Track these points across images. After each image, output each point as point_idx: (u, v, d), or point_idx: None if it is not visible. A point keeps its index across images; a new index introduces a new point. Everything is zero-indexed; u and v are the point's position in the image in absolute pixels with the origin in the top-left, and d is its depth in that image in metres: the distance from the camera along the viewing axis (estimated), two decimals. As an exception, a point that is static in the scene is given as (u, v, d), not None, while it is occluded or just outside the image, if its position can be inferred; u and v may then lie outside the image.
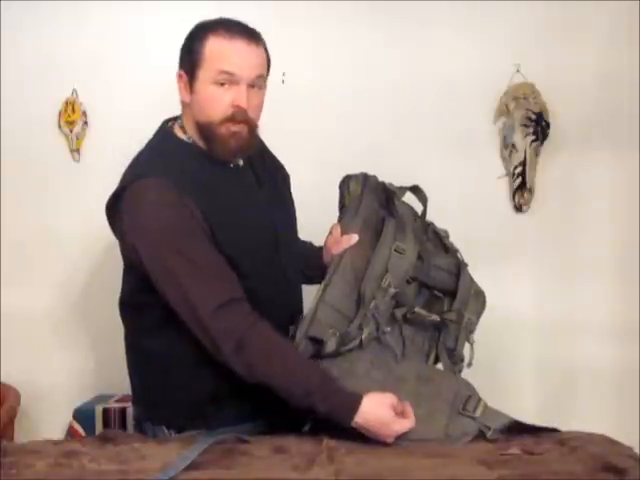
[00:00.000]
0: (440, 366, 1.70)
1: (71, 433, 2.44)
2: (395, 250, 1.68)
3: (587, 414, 2.43)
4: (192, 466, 1.31)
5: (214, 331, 1.51)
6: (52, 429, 2.50)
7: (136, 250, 1.56)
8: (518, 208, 2.64)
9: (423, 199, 1.80)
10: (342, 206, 1.80)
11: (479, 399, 1.52)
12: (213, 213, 1.56)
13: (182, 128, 1.67)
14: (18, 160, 2.62)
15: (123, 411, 2.45)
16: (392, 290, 1.63)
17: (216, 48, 1.58)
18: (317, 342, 1.54)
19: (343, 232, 1.72)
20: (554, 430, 1.50)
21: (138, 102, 2.53)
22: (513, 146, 2.61)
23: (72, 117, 2.61)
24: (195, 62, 1.59)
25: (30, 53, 2.60)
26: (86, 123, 2.63)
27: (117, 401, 2.50)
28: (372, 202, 1.76)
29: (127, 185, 1.57)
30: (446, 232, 1.84)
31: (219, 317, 1.50)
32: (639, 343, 2.56)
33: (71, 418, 2.46)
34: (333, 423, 1.48)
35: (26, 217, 2.64)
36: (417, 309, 1.66)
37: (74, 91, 2.62)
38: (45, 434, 2.35)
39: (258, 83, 1.61)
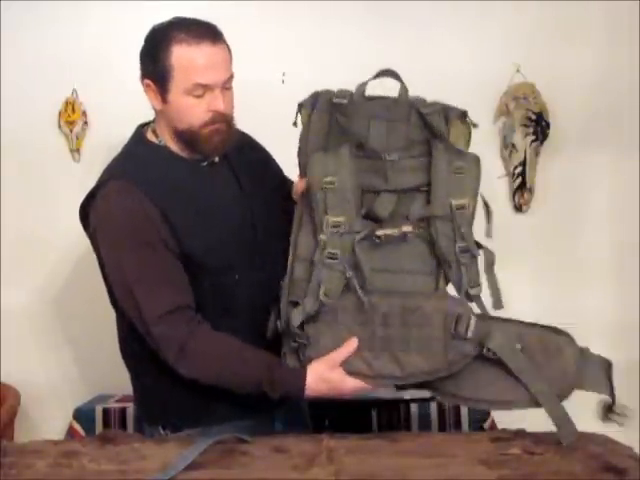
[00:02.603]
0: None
1: (71, 433, 2.43)
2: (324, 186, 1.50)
3: (587, 414, 2.43)
4: (192, 466, 1.31)
5: (157, 338, 1.55)
6: (52, 429, 2.50)
7: (98, 251, 1.62)
8: (518, 208, 2.64)
9: (398, 80, 1.60)
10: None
11: (469, 317, 1.44)
12: (176, 213, 1.58)
13: (154, 132, 1.69)
14: (18, 160, 2.62)
15: (123, 411, 2.45)
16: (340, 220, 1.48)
17: (184, 57, 1.57)
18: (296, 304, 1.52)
19: (301, 173, 1.59)
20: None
21: (138, 102, 2.52)
22: (513, 146, 2.61)
23: (72, 117, 2.62)
24: (164, 74, 1.59)
25: (30, 53, 2.60)
26: (86, 123, 2.63)
27: (117, 401, 2.50)
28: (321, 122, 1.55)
29: (95, 189, 1.62)
30: (425, 103, 1.58)
31: (161, 325, 1.55)
32: (639, 343, 2.56)
33: (71, 418, 2.46)
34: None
35: (26, 217, 2.64)
36: (379, 231, 1.48)
37: (74, 91, 2.62)
38: (45, 434, 2.35)
39: (228, 84, 1.62)
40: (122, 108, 2.57)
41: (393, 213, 1.50)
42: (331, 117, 1.53)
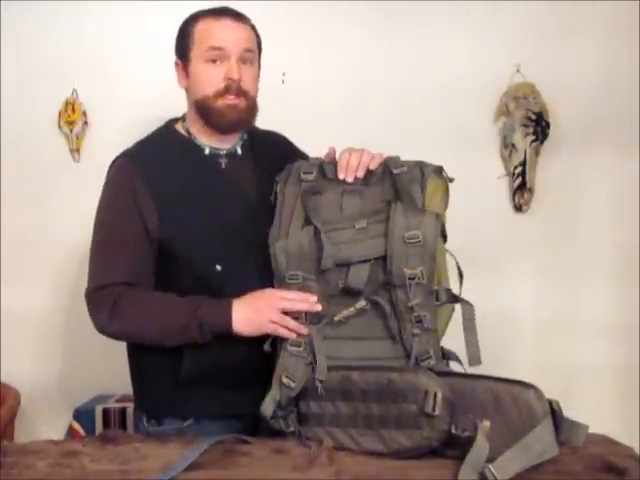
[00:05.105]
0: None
1: (71, 433, 2.44)
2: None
3: (587, 414, 2.43)
4: (193, 466, 1.31)
5: (93, 304, 1.60)
6: (52, 429, 2.50)
7: None
8: (518, 208, 2.64)
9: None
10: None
11: (435, 392, 1.36)
12: (166, 198, 1.61)
13: (183, 120, 1.72)
14: (18, 160, 2.63)
15: (123, 411, 2.45)
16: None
17: (204, 28, 1.64)
18: None
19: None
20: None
21: (138, 102, 2.53)
22: (513, 146, 2.61)
23: (72, 117, 2.62)
24: (187, 45, 1.65)
25: (30, 53, 2.61)
26: (86, 123, 2.64)
27: (117, 401, 2.50)
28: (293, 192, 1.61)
29: (111, 164, 1.70)
30: (398, 162, 1.54)
31: (99, 293, 1.58)
32: (639, 343, 2.56)
33: (71, 418, 2.47)
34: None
35: (26, 217, 2.64)
36: (336, 317, 1.50)
37: (74, 91, 2.62)
38: (45, 434, 2.35)
39: (249, 58, 1.65)
40: (122, 108, 2.58)
41: (368, 282, 1.49)
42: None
